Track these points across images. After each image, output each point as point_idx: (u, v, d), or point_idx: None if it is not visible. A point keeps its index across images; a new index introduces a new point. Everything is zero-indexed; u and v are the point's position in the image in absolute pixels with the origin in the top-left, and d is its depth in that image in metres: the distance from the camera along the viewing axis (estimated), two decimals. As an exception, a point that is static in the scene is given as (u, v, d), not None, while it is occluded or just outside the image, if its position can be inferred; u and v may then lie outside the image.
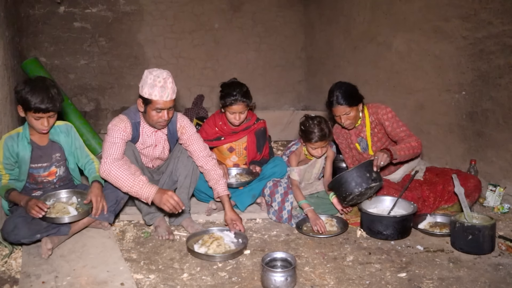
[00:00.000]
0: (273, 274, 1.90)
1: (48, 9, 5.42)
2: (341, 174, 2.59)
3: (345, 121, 2.88)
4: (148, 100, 2.56)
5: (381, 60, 4.50)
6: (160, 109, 2.57)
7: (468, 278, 2.08)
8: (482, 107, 3.25)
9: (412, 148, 2.74)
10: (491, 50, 3.12)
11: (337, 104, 2.82)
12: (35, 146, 2.52)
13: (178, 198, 2.46)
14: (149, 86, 2.52)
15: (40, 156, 2.54)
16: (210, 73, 6.28)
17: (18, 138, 2.48)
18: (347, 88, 2.85)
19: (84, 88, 5.68)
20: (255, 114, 3.33)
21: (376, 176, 2.56)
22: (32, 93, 2.33)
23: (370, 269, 2.20)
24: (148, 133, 2.78)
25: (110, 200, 2.55)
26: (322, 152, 2.92)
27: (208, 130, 3.25)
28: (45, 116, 2.40)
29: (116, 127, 2.62)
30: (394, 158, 2.64)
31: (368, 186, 2.53)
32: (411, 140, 2.78)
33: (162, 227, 2.69)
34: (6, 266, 2.27)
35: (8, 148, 2.44)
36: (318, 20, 6.10)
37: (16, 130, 2.53)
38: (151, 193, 2.44)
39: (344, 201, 2.64)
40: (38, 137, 2.55)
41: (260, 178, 3.03)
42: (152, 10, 5.87)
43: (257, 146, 3.26)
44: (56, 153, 2.61)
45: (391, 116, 2.89)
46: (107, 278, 2.07)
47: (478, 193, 2.85)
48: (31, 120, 2.40)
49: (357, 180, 2.53)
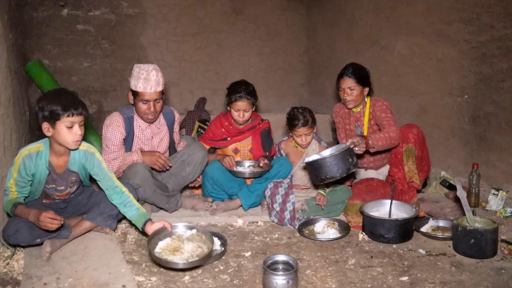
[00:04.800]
0: (275, 277, 1.89)
1: (52, 12, 5.44)
2: (324, 157, 2.59)
3: (347, 95, 3.02)
4: (135, 92, 2.78)
5: (384, 64, 4.50)
6: (146, 100, 2.76)
7: (470, 282, 2.07)
8: (485, 110, 3.25)
9: (390, 139, 2.76)
10: (493, 53, 3.12)
11: (345, 76, 3.01)
12: (51, 170, 2.39)
13: (165, 157, 2.81)
14: (134, 79, 2.75)
15: (55, 180, 2.45)
16: (212, 76, 6.29)
17: (36, 158, 2.31)
18: (360, 67, 3.07)
19: (86, 90, 5.70)
20: (259, 115, 3.39)
21: (356, 161, 2.61)
22: (58, 98, 2.23)
23: (372, 272, 2.19)
24: (143, 126, 2.95)
25: (114, 207, 2.54)
26: (305, 141, 3.07)
27: (215, 130, 3.29)
28: (77, 121, 2.25)
29: (110, 127, 2.84)
30: (371, 146, 2.68)
31: (349, 172, 2.57)
32: (391, 130, 2.81)
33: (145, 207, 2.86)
34: (8, 268, 2.27)
35: (25, 167, 2.28)
36: (320, 23, 6.11)
37: (36, 147, 2.33)
38: (139, 154, 2.80)
39: (321, 182, 2.65)
40: (56, 162, 2.39)
41: (265, 179, 3.05)
42: (155, 13, 5.89)
43: (262, 146, 3.32)
44: (72, 177, 2.50)
45: (384, 108, 2.99)
46: (108, 280, 2.07)
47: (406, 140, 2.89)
48: (60, 133, 2.24)
49: (340, 164, 2.55)
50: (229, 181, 3.10)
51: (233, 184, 3.11)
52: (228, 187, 3.09)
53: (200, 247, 2.16)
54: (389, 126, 2.87)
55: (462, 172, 3.51)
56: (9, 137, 2.88)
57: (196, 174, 3.08)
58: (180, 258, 2.07)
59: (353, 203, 2.89)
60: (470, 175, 3.16)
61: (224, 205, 3.04)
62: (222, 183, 3.08)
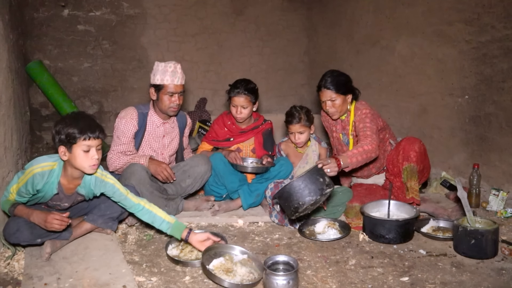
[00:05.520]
0: (275, 278, 1.89)
1: (53, 12, 5.44)
2: (291, 182, 2.32)
3: (329, 108, 2.87)
4: (160, 86, 2.88)
5: (384, 64, 4.50)
6: (172, 93, 2.88)
7: (471, 282, 2.07)
8: (485, 111, 3.24)
9: (365, 153, 2.57)
10: (494, 54, 3.12)
11: (323, 88, 2.84)
12: (59, 190, 2.33)
13: (171, 170, 2.83)
14: (160, 73, 2.87)
15: (61, 199, 2.41)
16: (213, 77, 6.29)
17: (48, 176, 2.25)
18: (338, 74, 2.88)
19: (87, 90, 5.70)
20: (262, 116, 3.39)
21: (329, 181, 2.36)
22: (76, 121, 2.19)
23: (372, 273, 2.19)
24: (157, 123, 3.02)
25: (115, 210, 2.55)
26: (298, 139, 3.05)
27: (218, 130, 3.30)
28: (94, 145, 2.21)
29: (123, 119, 2.92)
30: (344, 166, 2.49)
31: (323, 193, 2.31)
32: (365, 142, 2.62)
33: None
34: (9, 268, 2.27)
35: (33, 183, 2.22)
36: (321, 23, 6.11)
37: (50, 165, 2.26)
38: (146, 159, 2.83)
39: (295, 212, 2.36)
40: (67, 183, 2.33)
41: (266, 179, 3.05)
42: (155, 14, 5.89)
43: (264, 146, 3.32)
44: (78, 197, 2.47)
45: (363, 117, 2.83)
46: (109, 280, 2.08)
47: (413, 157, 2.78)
48: (76, 157, 2.19)
49: (310, 186, 2.28)
50: (230, 174, 3.10)
51: (233, 179, 3.10)
52: (229, 181, 3.08)
53: (252, 273, 2.14)
54: (364, 138, 2.68)
55: (462, 172, 3.51)
56: (10, 138, 2.88)
57: (195, 187, 3.08)
58: (232, 279, 2.07)
59: (352, 205, 2.88)
60: (471, 176, 3.16)
61: (225, 205, 3.04)
62: (223, 175, 3.08)
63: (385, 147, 3.02)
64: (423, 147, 2.87)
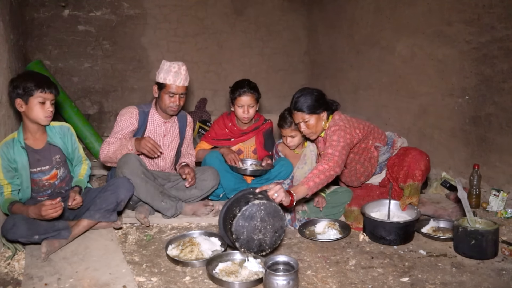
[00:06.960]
0: (276, 278, 1.89)
1: (53, 13, 5.44)
2: (219, 213, 2.24)
3: (304, 129, 2.74)
4: (162, 84, 2.90)
5: (384, 64, 4.50)
6: (172, 93, 2.89)
7: (471, 283, 2.07)
8: (486, 111, 3.24)
9: (321, 173, 2.41)
10: (494, 54, 3.12)
11: (295, 111, 2.72)
12: (30, 150, 2.50)
13: (154, 141, 2.76)
14: (164, 72, 2.88)
15: (38, 160, 2.53)
16: (213, 77, 6.29)
17: (13, 143, 2.46)
18: (307, 93, 2.70)
19: (87, 91, 5.70)
20: (262, 115, 3.39)
21: (262, 195, 2.17)
22: (31, 76, 2.42)
23: (372, 273, 2.19)
24: (158, 122, 3.03)
25: (110, 202, 2.55)
26: (291, 142, 3.06)
27: (218, 131, 3.30)
28: (49, 98, 2.43)
29: (123, 116, 2.95)
30: (302, 195, 2.35)
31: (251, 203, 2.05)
32: (320, 163, 2.48)
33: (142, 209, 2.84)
34: (9, 268, 2.28)
35: (5, 154, 2.43)
36: (321, 24, 6.11)
37: (11, 136, 2.51)
38: (132, 143, 2.81)
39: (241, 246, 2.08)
40: (33, 141, 2.53)
41: (266, 179, 3.04)
42: (156, 14, 5.89)
43: (265, 146, 3.32)
44: (56, 155, 2.61)
45: (331, 133, 2.66)
46: (109, 280, 2.08)
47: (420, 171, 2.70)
48: (33, 109, 2.40)
49: (240, 201, 2.13)
50: (226, 172, 3.09)
51: (229, 177, 3.08)
52: (224, 179, 3.07)
53: (257, 274, 2.14)
54: (323, 157, 2.54)
55: (463, 173, 3.51)
56: (10, 138, 2.88)
57: (199, 198, 3.06)
58: (234, 279, 2.10)
59: (351, 209, 2.87)
60: (471, 176, 3.16)
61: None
62: (218, 172, 3.06)
63: (370, 154, 2.92)
64: (429, 162, 2.76)
